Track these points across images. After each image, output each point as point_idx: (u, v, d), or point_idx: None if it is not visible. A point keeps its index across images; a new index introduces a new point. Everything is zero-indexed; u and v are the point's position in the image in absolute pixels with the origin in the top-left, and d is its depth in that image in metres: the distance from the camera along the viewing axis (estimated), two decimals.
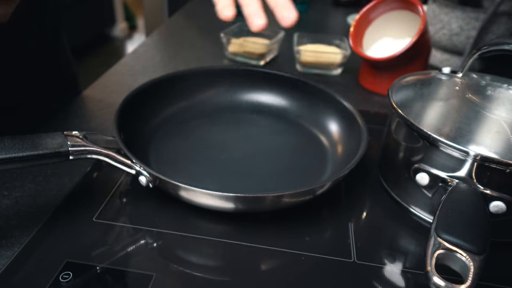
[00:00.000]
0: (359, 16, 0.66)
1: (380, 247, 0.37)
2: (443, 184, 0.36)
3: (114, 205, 0.39)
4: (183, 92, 0.52)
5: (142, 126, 0.46)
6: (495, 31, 0.66)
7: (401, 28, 0.66)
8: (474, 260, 0.28)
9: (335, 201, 0.42)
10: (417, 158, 0.38)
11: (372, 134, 0.47)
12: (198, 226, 0.37)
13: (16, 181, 0.41)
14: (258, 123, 0.53)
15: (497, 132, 0.35)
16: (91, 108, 0.56)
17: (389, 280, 0.34)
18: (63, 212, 0.37)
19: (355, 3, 1.14)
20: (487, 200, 0.34)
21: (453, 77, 0.45)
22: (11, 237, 0.35)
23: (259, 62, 0.73)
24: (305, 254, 0.35)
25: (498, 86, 0.43)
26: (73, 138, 0.35)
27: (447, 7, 0.68)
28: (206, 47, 0.80)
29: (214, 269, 0.34)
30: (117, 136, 0.38)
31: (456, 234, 0.30)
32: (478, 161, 0.34)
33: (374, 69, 0.65)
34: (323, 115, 0.51)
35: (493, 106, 0.38)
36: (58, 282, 0.31)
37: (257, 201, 0.36)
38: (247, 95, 0.55)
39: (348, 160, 0.40)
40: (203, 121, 0.51)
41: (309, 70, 0.71)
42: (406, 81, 0.45)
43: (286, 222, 0.38)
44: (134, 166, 0.37)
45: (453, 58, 0.73)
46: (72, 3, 2.31)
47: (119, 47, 2.93)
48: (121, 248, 0.34)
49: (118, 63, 0.71)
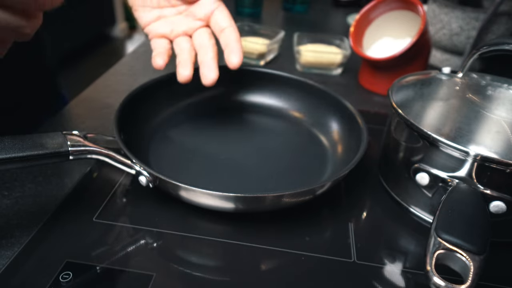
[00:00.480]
0: (359, 16, 0.66)
1: (380, 247, 0.37)
2: (443, 184, 0.36)
3: (114, 205, 0.39)
4: (183, 92, 0.52)
5: (142, 126, 0.46)
6: (495, 31, 0.66)
7: (401, 28, 0.66)
8: (474, 260, 0.28)
9: (335, 201, 0.42)
10: (417, 158, 0.38)
11: (372, 134, 0.47)
12: (198, 226, 0.37)
13: (16, 181, 0.41)
14: (258, 123, 0.53)
15: (497, 132, 0.35)
16: (91, 108, 0.56)
17: (389, 280, 0.34)
18: (63, 212, 0.37)
19: (355, 3, 1.14)
20: (487, 200, 0.34)
21: (453, 77, 0.45)
22: (11, 237, 0.35)
23: (259, 62, 0.73)
24: (305, 254, 0.35)
25: (498, 86, 0.43)
26: (73, 138, 0.35)
27: (447, 7, 0.68)
28: None
29: (214, 269, 0.34)
30: (117, 136, 0.38)
31: (456, 234, 0.30)
32: (478, 161, 0.34)
33: (374, 69, 0.65)
34: (323, 115, 0.51)
35: (493, 106, 0.38)
36: (58, 282, 0.31)
37: (257, 201, 0.36)
38: (247, 95, 0.55)
39: (348, 160, 0.40)
40: (203, 121, 0.51)
41: (309, 70, 0.71)
42: (406, 81, 0.45)
43: (286, 222, 0.38)
44: (134, 166, 0.37)
45: (453, 58, 0.73)
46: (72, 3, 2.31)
47: (119, 47, 2.93)
48: (121, 248, 0.34)
49: (118, 63, 0.70)
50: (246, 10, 0.99)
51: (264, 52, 0.72)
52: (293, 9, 1.08)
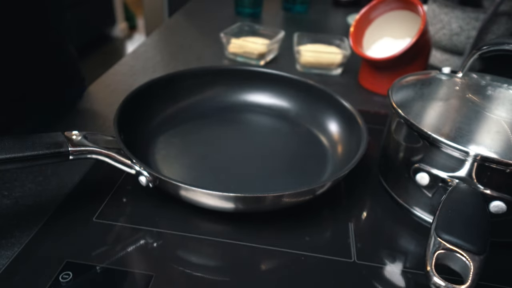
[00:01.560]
0: (359, 16, 0.66)
1: (380, 247, 0.37)
2: (443, 184, 0.36)
3: (114, 205, 0.39)
4: (183, 92, 0.52)
5: (142, 126, 0.46)
6: (495, 31, 0.66)
7: (401, 28, 0.66)
8: (474, 260, 0.28)
9: (335, 201, 0.42)
10: (417, 158, 0.38)
11: (372, 134, 0.47)
12: (198, 226, 0.37)
13: (16, 181, 0.41)
14: (258, 123, 0.53)
15: (497, 132, 0.35)
16: (91, 108, 0.56)
17: (389, 280, 0.34)
18: (63, 212, 0.37)
19: (355, 3, 1.14)
20: (487, 200, 0.34)
21: (453, 77, 0.45)
22: (11, 237, 0.35)
23: (259, 62, 0.73)
24: (305, 254, 0.35)
25: (498, 86, 0.43)
26: (73, 138, 0.35)
27: (447, 7, 0.68)
28: (206, 47, 0.80)
29: (214, 269, 0.34)
30: (117, 136, 0.38)
31: (456, 234, 0.30)
32: (478, 161, 0.34)
33: (374, 69, 0.65)
34: (323, 115, 0.51)
35: (493, 106, 0.38)
36: (58, 282, 0.31)
37: (257, 201, 0.36)
38: (247, 95, 0.55)
39: (348, 160, 0.40)
40: (203, 121, 0.51)
41: (309, 70, 0.71)
42: (406, 81, 0.45)
43: (286, 222, 0.38)
44: (134, 166, 0.37)
45: (453, 58, 0.73)
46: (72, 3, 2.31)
47: (119, 47, 2.93)
48: (121, 248, 0.34)
49: (118, 63, 0.71)
50: (246, 10, 0.99)
51: (264, 52, 0.72)
52: (293, 9, 1.08)
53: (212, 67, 0.56)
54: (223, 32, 0.73)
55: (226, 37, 0.73)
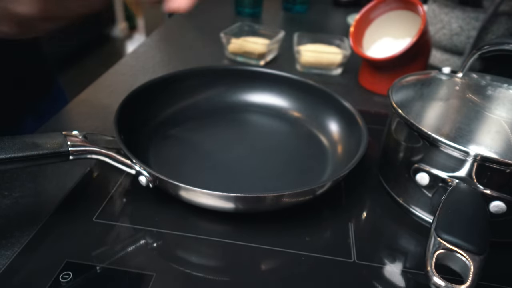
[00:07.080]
0: (359, 16, 0.66)
1: (380, 247, 0.37)
2: (443, 184, 0.36)
3: (114, 205, 0.39)
4: (183, 92, 0.52)
5: (142, 126, 0.46)
6: (495, 31, 0.66)
7: (401, 28, 0.66)
8: (474, 260, 0.28)
9: (335, 201, 0.42)
10: (417, 158, 0.38)
11: (372, 134, 0.47)
12: (198, 226, 0.37)
13: (16, 181, 0.41)
14: (258, 123, 0.53)
15: (497, 132, 0.35)
16: (91, 108, 0.56)
17: (389, 280, 0.34)
18: (63, 212, 0.37)
19: (355, 3, 1.14)
20: (487, 200, 0.34)
21: (453, 77, 0.45)
22: (11, 237, 0.35)
23: (259, 62, 0.73)
24: (305, 254, 0.35)
25: (498, 86, 0.43)
26: (73, 138, 0.35)
27: (447, 7, 0.68)
28: (206, 47, 0.80)
29: (214, 269, 0.34)
30: (117, 136, 0.38)
31: (456, 234, 0.30)
32: (478, 161, 0.34)
33: (374, 69, 0.65)
34: (323, 115, 0.51)
35: (493, 106, 0.38)
36: (58, 282, 0.31)
37: (257, 201, 0.36)
38: (247, 95, 0.55)
39: (348, 160, 0.40)
40: (203, 121, 0.51)
41: (309, 70, 0.71)
42: (406, 81, 0.45)
43: (286, 222, 0.38)
44: (134, 166, 0.37)
45: (453, 58, 0.73)
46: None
47: (119, 47, 2.93)
48: (121, 248, 0.34)
49: (118, 63, 0.70)
50: (246, 10, 0.99)
51: (264, 52, 0.72)
52: (293, 9, 1.08)
53: (212, 67, 0.56)
54: (223, 32, 0.73)
55: (226, 37, 0.73)
